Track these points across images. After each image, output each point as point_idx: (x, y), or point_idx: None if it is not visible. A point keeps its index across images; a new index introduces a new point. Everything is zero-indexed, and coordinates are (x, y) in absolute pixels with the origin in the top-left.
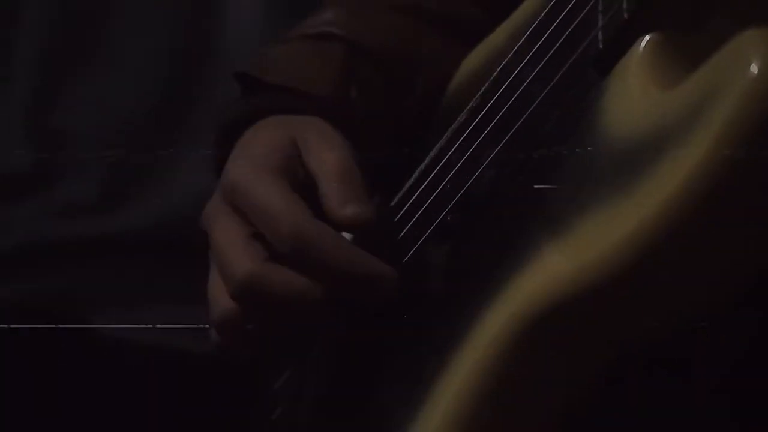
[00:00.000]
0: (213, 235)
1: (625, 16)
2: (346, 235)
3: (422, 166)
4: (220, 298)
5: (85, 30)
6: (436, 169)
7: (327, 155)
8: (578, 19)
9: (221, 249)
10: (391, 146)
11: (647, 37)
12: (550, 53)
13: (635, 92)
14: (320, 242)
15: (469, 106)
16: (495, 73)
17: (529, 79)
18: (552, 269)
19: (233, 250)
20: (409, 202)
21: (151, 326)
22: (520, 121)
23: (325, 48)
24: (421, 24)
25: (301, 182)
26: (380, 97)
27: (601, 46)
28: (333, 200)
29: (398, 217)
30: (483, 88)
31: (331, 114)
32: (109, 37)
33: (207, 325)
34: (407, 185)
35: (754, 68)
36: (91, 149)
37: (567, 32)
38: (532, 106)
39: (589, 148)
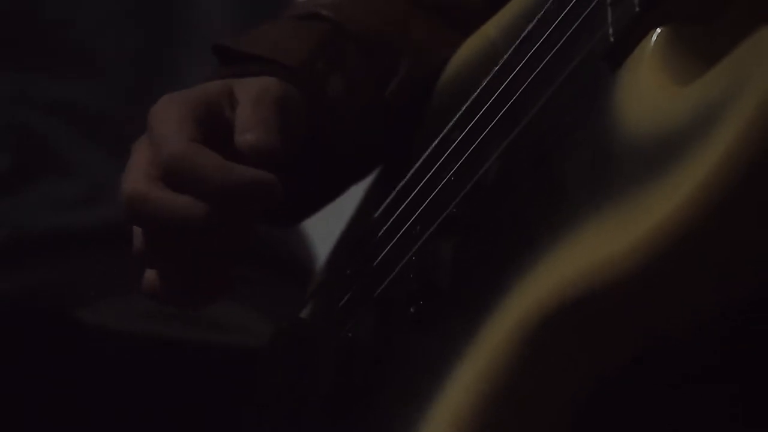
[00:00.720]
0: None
1: (637, 9)
2: None
3: (423, 157)
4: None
5: (58, 27)
6: (440, 161)
7: (249, 88)
8: (587, 11)
9: (125, 173)
10: (381, 134)
11: (659, 31)
12: (560, 44)
13: (650, 86)
14: (195, 162)
15: (473, 97)
16: (499, 64)
17: (537, 70)
18: (568, 264)
19: (127, 174)
20: (411, 195)
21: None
22: (528, 115)
23: (308, 25)
24: (412, 10)
25: (226, 119)
26: (363, 80)
27: (612, 40)
28: (237, 127)
29: (399, 210)
30: (487, 78)
31: (299, 85)
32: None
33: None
34: (407, 177)
35: None
36: (74, 144)
37: (575, 24)
38: (541, 98)
39: (601, 142)
